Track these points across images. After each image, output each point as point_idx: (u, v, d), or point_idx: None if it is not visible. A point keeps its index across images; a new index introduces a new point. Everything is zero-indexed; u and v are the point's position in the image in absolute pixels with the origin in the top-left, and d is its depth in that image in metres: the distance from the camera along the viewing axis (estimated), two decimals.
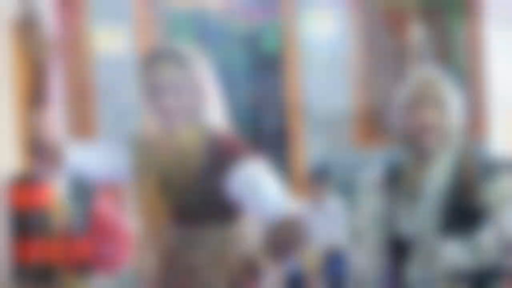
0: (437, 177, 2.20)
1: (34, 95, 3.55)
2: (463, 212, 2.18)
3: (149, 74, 2.28)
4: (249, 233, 2.26)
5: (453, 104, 2.25)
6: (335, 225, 5.03)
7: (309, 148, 5.89)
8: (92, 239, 2.13)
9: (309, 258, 5.06)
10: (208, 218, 2.20)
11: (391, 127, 2.32)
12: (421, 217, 2.20)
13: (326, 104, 6.05)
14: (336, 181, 5.33)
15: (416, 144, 2.21)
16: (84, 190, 2.19)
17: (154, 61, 2.30)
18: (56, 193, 2.11)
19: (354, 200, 2.45)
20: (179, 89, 2.26)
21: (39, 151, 2.17)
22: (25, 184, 2.09)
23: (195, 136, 2.25)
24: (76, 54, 6.42)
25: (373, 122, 6.03)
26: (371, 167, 2.38)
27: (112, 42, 6.59)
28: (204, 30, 9.45)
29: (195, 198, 2.19)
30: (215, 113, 2.33)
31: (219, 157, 2.20)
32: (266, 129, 6.53)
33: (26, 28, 3.72)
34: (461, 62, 6.33)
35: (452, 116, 2.24)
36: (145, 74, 2.29)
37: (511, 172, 2.23)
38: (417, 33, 6.59)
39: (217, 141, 2.25)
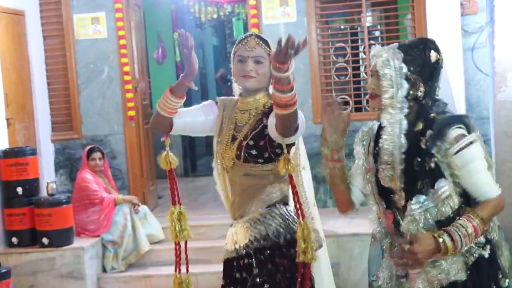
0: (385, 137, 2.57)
1: None
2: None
3: (238, 48, 2.96)
4: None
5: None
6: None
7: None
8: None
9: None
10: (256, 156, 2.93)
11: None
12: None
13: None
14: None
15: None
16: None
17: (243, 38, 2.98)
18: None
19: None
20: (261, 60, 2.95)
21: None
22: None
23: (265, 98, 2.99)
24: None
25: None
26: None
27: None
28: (179, 18, 9.97)
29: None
30: None
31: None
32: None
33: None
34: None
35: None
36: (237, 47, 2.97)
37: None
38: (370, 19, 7.16)
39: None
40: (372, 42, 7.03)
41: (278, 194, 2.99)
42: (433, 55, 2.52)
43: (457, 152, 2.44)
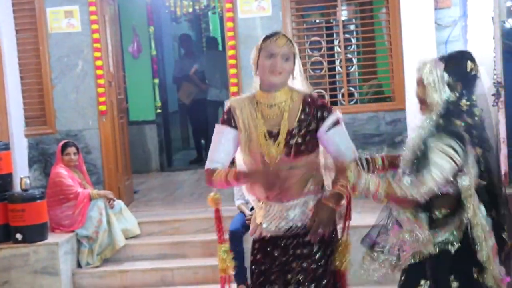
0: None
1: None
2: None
3: (267, 44, 3.12)
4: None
5: None
6: None
7: None
8: None
9: None
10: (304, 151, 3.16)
11: None
12: None
13: None
14: None
15: None
16: None
17: (277, 35, 3.15)
18: None
19: None
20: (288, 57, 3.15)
21: None
22: None
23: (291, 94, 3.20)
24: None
25: None
26: None
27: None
28: (155, 12, 9.91)
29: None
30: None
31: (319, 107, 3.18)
32: None
33: None
34: (384, 38, 6.97)
35: None
36: (265, 43, 3.13)
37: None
38: (345, 13, 7.18)
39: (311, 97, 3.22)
40: (347, 36, 7.05)
41: (319, 181, 3.24)
42: (469, 65, 2.97)
43: (436, 148, 2.90)
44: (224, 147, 3.24)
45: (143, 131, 9.77)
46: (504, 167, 5.65)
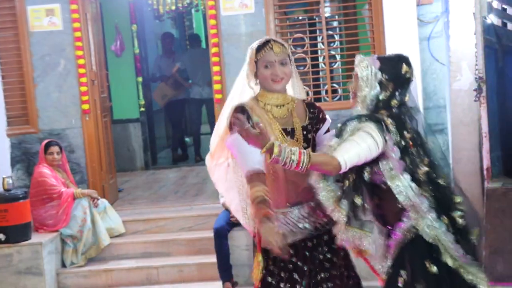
0: None
1: None
2: None
3: (263, 54, 3.26)
4: None
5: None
6: None
7: None
8: None
9: None
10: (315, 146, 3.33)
11: None
12: None
13: None
14: None
15: None
16: None
17: (269, 43, 3.28)
18: None
19: None
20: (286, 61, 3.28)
21: None
22: None
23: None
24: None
25: None
26: None
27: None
28: (137, 10, 9.87)
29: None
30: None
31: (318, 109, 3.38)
32: None
33: None
34: (367, 34, 6.99)
35: None
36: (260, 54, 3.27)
37: None
38: (328, 10, 7.19)
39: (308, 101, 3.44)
40: (330, 32, 7.06)
41: None
42: (404, 67, 3.09)
43: (351, 130, 3.03)
44: (251, 150, 3.11)
45: (128, 130, 9.74)
46: (486, 162, 5.69)
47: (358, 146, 2.95)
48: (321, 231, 3.30)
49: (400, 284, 3.00)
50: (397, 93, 3.09)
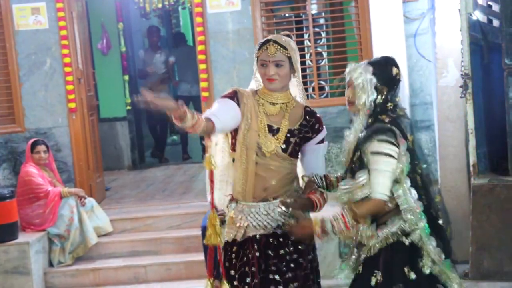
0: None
1: None
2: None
3: (260, 53, 3.31)
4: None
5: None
6: None
7: None
8: None
9: None
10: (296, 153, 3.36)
11: None
12: None
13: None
14: None
15: None
16: None
17: (266, 43, 3.32)
18: None
19: None
20: (281, 63, 3.31)
21: None
22: None
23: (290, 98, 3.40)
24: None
25: None
26: None
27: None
28: (124, 8, 9.83)
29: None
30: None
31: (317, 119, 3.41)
32: None
33: None
34: (354, 32, 7.00)
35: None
36: (259, 52, 3.32)
37: None
38: (315, 7, 7.19)
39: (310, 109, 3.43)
40: (317, 30, 7.06)
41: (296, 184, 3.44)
42: (394, 70, 3.19)
43: (372, 153, 3.09)
44: (230, 111, 3.27)
45: (115, 128, 9.70)
46: (472, 158, 5.72)
47: (387, 173, 3.06)
48: (286, 231, 3.31)
49: (372, 283, 3.09)
50: (390, 96, 3.18)
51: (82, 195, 6.50)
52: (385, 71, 3.17)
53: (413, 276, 3.04)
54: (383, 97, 3.16)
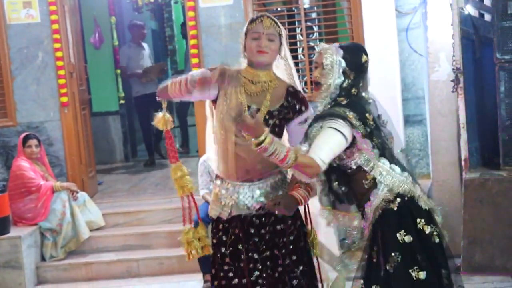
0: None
1: None
2: None
3: (253, 26, 3.29)
4: None
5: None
6: None
7: None
8: None
9: None
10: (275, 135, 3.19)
11: None
12: None
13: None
14: None
15: None
16: None
17: (260, 17, 3.32)
18: None
19: None
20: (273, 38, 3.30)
21: None
22: None
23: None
24: None
25: None
26: None
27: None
28: (116, 2, 9.80)
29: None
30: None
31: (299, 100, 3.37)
32: None
33: None
34: (346, 26, 7.00)
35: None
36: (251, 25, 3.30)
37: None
38: (307, 1, 7.19)
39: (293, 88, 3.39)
40: (309, 24, 7.06)
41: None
42: (363, 57, 3.21)
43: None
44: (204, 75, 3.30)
45: (107, 122, 9.69)
46: (464, 153, 5.73)
47: (329, 142, 3.02)
48: (268, 211, 3.34)
49: (374, 260, 3.10)
50: (356, 82, 3.19)
51: (74, 189, 6.50)
52: (355, 57, 3.18)
53: (408, 239, 3.03)
54: (349, 81, 3.16)
